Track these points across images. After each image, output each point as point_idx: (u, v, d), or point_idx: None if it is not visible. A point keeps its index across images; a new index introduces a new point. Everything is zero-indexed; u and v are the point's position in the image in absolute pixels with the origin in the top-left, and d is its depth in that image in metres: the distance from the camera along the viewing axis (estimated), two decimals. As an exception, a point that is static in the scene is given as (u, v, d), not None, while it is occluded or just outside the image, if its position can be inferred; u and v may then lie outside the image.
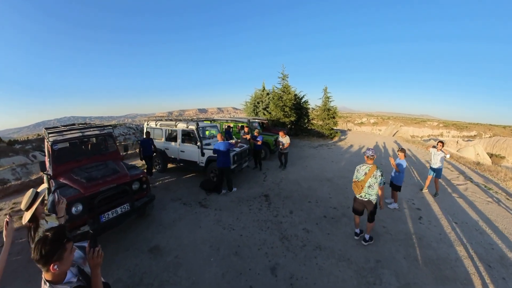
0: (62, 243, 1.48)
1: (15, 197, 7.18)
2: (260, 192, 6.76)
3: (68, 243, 1.53)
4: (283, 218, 5.29)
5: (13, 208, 6.46)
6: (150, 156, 8.12)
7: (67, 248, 1.50)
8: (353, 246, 4.29)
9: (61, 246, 1.47)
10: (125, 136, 48.58)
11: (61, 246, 1.47)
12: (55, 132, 5.06)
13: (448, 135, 39.45)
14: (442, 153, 6.34)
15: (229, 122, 11.76)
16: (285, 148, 8.80)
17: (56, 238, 1.47)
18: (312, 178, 8.05)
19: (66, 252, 1.49)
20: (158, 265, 3.84)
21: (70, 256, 1.53)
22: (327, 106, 19.19)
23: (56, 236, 1.48)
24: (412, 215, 5.49)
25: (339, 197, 6.47)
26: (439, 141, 6.64)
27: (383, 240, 4.48)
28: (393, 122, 42.16)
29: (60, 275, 1.52)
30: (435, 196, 6.57)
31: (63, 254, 1.47)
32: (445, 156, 6.37)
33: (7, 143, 25.29)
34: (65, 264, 1.51)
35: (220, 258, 3.95)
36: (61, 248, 1.46)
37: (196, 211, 5.64)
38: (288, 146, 8.78)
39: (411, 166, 9.98)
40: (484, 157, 16.59)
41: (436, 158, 6.44)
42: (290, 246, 4.26)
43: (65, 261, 1.49)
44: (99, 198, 4.01)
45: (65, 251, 1.48)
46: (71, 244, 1.56)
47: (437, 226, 5.03)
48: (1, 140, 26.21)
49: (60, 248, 1.46)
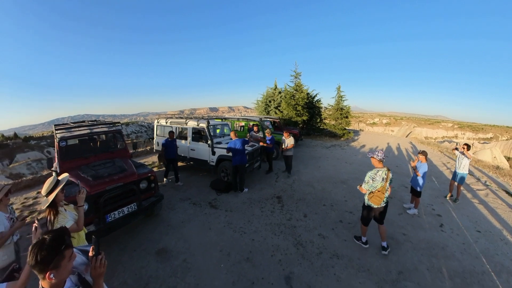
0: (60, 249, 1.31)
1: (26, 192, 7.23)
2: (272, 194, 6.49)
3: (67, 250, 1.35)
4: (297, 222, 5.00)
5: (24, 203, 6.50)
6: (174, 159, 7.24)
7: (65, 255, 1.33)
8: (372, 255, 3.95)
9: (59, 253, 1.30)
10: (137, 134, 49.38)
11: (59, 253, 1.30)
12: (63, 129, 5.01)
13: (463, 137, 37.98)
14: (465, 156, 5.90)
15: (241, 120, 11.55)
16: (288, 149, 7.81)
17: (54, 243, 1.30)
18: (326, 180, 7.72)
19: (64, 260, 1.32)
20: (165, 269, 3.65)
21: (69, 264, 1.36)
22: (340, 105, 18.70)
23: (54, 242, 1.31)
24: (433, 222, 5.11)
25: (354, 200, 6.12)
26: (464, 143, 6.16)
27: (404, 249, 4.13)
28: (406, 122, 40.97)
29: (58, 284, 1.34)
30: (455, 201, 6.14)
31: (61, 262, 1.30)
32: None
33: (23, 139, 26.10)
34: (63, 273, 1.34)
35: (230, 264, 3.70)
36: (58, 255, 1.29)
37: (205, 212, 5.43)
38: (291, 147, 7.81)
39: (434, 169, 9.47)
40: (502, 161, 15.70)
41: (462, 162, 5.98)
42: (306, 253, 3.96)
43: (62, 270, 1.32)
44: (105, 197, 3.84)
45: (63, 259, 1.31)
46: (71, 251, 1.38)
47: (460, 234, 4.65)
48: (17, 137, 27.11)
49: (58, 255, 1.29)
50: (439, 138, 35.57)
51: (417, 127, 39.29)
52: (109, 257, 3.83)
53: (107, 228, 3.89)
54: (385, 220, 4.86)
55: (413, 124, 40.00)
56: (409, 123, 40.94)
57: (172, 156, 7.07)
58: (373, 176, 3.73)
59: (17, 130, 73.56)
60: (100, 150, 5.31)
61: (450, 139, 35.31)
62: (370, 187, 3.75)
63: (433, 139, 33.02)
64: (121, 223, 4.12)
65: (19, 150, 22.06)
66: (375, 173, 3.74)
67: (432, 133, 39.46)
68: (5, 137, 26.26)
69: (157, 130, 9.07)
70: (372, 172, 3.77)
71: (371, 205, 3.85)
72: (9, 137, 26.65)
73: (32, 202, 6.54)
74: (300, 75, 18.26)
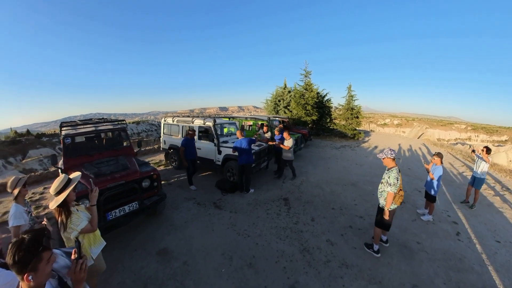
0: (38, 251, 1.28)
1: (34, 187, 7.30)
2: (279, 195, 6.27)
3: (45, 252, 1.31)
4: (304, 226, 4.77)
5: (32, 198, 6.57)
6: (195, 160, 6.71)
7: (43, 257, 1.29)
8: (384, 264, 3.69)
9: (36, 255, 1.27)
10: (147, 132, 50.07)
11: (36, 255, 1.27)
12: (68, 126, 4.99)
13: (477, 139, 36.49)
14: (483, 160, 5.54)
15: (249, 119, 11.37)
16: (287, 151, 7.08)
17: (31, 245, 1.27)
18: (335, 182, 7.44)
19: (42, 262, 1.29)
20: (165, 271, 3.52)
21: (47, 267, 1.32)
22: (351, 105, 18.23)
23: (31, 243, 1.27)
24: (449, 230, 4.78)
25: (365, 204, 5.84)
26: (484, 146, 5.78)
27: (419, 259, 3.84)
28: (418, 123, 39.72)
29: (37, 287, 1.30)
30: (471, 208, 5.77)
31: (38, 264, 1.27)
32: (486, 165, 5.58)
33: (35, 136, 26.86)
34: (42, 276, 1.30)
35: (232, 270, 3.52)
36: (36, 257, 1.27)
37: (209, 213, 5.29)
38: (288, 149, 7.04)
39: (448, 172, 9.01)
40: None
41: (480, 166, 5.61)
42: (312, 261, 3.72)
43: (41, 273, 1.29)
44: (106, 195, 3.75)
45: (40, 261, 1.28)
46: (49, 253, 1.34)
47: (478, 244, 4.32)
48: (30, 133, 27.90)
49: (35, 257, 1.26)
50: (452, 140, 34.33)
51: (429, 128, 38.10)
52: (110, 255, 3.76)
53: (107, 226, 3.81)
54: (398, 226, 4.56)
55: (425, 125, 38.81)
56: (421, 124, 39.73)
57: (193, 156, 6.60)
58: (397, 176, 3.52)
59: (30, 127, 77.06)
60: (105, 147, 5.26)
61: (463, 141, 34.04)
62: (396, 188, 3.52)
63: (446, 141, 31.87)
64: (122, 221, 4.03)
65: (32, 146, 22.68)
66: (397, 172, 3.54)
67: (444, 134, 38.14)
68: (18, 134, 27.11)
69: (164, 129, 8.99)
70: (394, 173, 3.54)
71: (395, 207, 3.67)
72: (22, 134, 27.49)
73: (39, 197, 6.60)
74: (310, 74, 17.91)
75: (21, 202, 2.71)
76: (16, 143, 22.79)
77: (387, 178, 3.59)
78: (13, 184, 2.68)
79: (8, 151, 21.03)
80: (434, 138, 26.92)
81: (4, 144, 22.16)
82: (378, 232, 3.85)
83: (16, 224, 2.52)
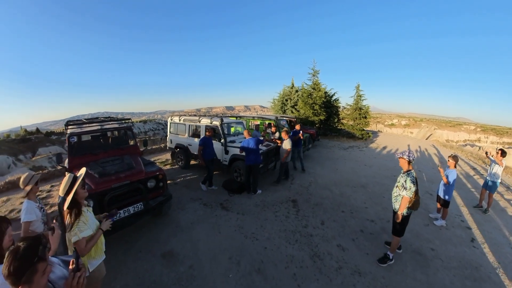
0: (32, 262, 1.19)
1: (41, 185, 7.30)
2: (287, 197, 6.10)
3: (40, 263, 1.21)
4: (314, 230, 4.60)
5: (39, 195, 6.57)
6: (213, 160, 6.44)
7: (38, 269, 1.20)
8: (398, 272, 3.49)
9: (31, 267, 1.18)
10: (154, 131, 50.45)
11: (31, 267, 1.18)
12: (74, 125, 4.97)
13: (486, 140, 35.49)
14: (496, 163, 5.30)
15: (256, 119, 11.23)
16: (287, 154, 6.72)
17: (26, 254, 1.19)
18: (344, 183, 7.23)
19: (36, 274, 1.19)
20: (170, 275, 3.40)
21: (42, 279, 1.23)
22: (359, 105, 17.92)
23: (26, 253, 1.19)
24: (463, 235, 4.55)
25: (376, 207, 5.63)
26: (500, 148, 5.51)
27: (434, 267, 3.63)
28: (426, 124, 38.96)
29: None
30: (485, 212, 5.52)
31: (33, 277, 1.18)
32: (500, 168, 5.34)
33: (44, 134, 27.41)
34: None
35: (240, 276, 3.38)
36: (30, 268, 1.18)
37: (216, 214, 5.16)
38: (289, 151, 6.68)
39: (460, 175, 8.69)
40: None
41: (494, 168, 5.38)
42: (323, 268, 3.55)
43: (35, 285, 1.19)
44: (110, 195, 3.66)
45: (35, 273, 1.19)
46: (45, 265, 1.24)
47: (494, 252, 4.09)
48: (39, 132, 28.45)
49: (30, 269, 1.18)
50: (461, 141, 33.46)
51: (438, 129, 37.32)
52: (114, 256, 3.69)
53: (111, 227, 3.70)
54: (410, 231, 4.34)
55: (434, 126, 38.02)
56: (429, 124, 38.95)
57: (212, 156, 6.33)
58: (414, 180, 3.33)
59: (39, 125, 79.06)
60: (110, 146, 5.20)
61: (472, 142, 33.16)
62: (412, 192, 3.31)
63: (454, 142, 31.11)
64: (126, 222, 3.93)
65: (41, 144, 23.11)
66: (413, 175, 3.35)
67: (453, 135, 37.26)
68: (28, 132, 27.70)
69: (171, 128, 8.92)
70: (411, 176, 3.35)
71: (410, 212, 3.50)
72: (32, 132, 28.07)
73: (45, 195, 6.62)
74: (318, 73, 17.65)
75: (33, 199, 2.71)
76: (26, 141, 23.22)
77: (403, 181, 3.39)
78: (26, 181, 2.67)
79: (18, 149, 21.42)
80: (442, 139, 26.29)
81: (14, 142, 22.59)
82: (396, 242, 3.65)
83: (27, 219, 2.52)
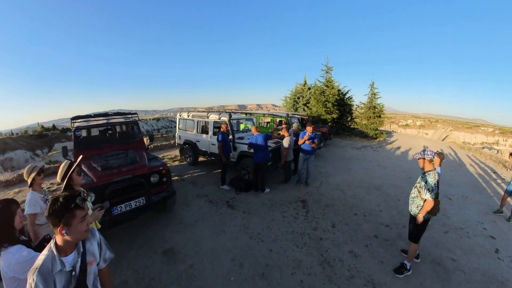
0: (70, 207, 1.35)
1: (53, 178, 7.39)
2: (297, 197, 5.83)
3: (78, 210, 1.38)
4: (324, 233, 4.31)
5: (49, 188, 6.70)
6: (229, 157, 6.30)
7: (76, 214, 1.37)
8: (416, 285, 3.15)
9: (69, 211, 1.35)
10: (167, 128, 51.27)
11: (69, 211, 1.35)
12: (81, 120, 5.02)
13: (505, 143, 33.66)
14: None
15: (266, 116, 11.00)
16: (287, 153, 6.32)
17: (65, 201, 1.35)
18: (357, 185, 6.87)
19: (75, 219, 1.36)
20: (169, 273, 3.26)
21: (80, 225, 1.40)
22: (373, 103, 17.27)
23: (66, 199, 1.36)
24: (486, 245, 4.15)
25: (391, 211, 5.26)
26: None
27: (456, 281, 3.27)
28: (442, 125, 37.50)
29: (69, 243, 1.41)
30: (508, 220, 5.09)
31: (72, 220, 1.35)
32: None
33: (60, 131, 28.48)
34: (75, 233, 1.38)
35: (242, 279, 3.16)
36: (68, 212, 1.34)
37: (221, 212, 4.98)
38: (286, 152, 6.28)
39: (479, 178, 8.14)
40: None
41: None
42: (333, 276, 3.27)
43: (74, 229, 1.37)
44: (111, 188, 3.57)
45: (73, 217, 1.36)
46: (83, 213, 1.41)
47: None
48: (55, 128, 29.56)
49: (68, 212, 1.34)
50: (478, 144, 31.86)
51: (454, 131, 35.84)
52: (116, 251, 3.58)
53: (113, 221, 3.63)
54: (429, 239, 4.19)
55: (450, 127, 36.49)
56: (446, 126, 37.44)
57: (229, 152, 6.23)
58: (436, 181, 3.01)
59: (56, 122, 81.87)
60: (116, 141, 5.16)
61: (490, 145, 31.56)
62: (433, 194, 3.00)
63: (471, 144, 29.67)
64: (128, 217, 3.83)
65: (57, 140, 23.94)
66: (434, 176, 3.02)
67: (470, 137, 35.61)
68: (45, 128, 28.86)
69: (179, 124, 8.84)
70: (432, 177, 3.02)
71: (429, 217, 3.20)
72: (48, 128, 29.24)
73: (56, 188, 6.69)
74: (332, 69, 17.13)
75: (38, 190, 2.72)
76: (43, 137, 24.08)
77: (424, 182, 3.07)
78: (28, 172, 2.68)
79: (36, 144, 22.20)
80: (459, 141, 25.10)
81: (32, 137, 23.47)
82: (414, 250, 3.32)
83: (31, 212, 2.52)
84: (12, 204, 1.82)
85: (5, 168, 21.18)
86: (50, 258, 1.34)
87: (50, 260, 1.33)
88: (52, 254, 1.35)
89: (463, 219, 5.06)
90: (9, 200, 1.84)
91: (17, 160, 23.04)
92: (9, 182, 7.11)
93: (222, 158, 6.02)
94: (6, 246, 1.67)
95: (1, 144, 23.44)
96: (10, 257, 1.63)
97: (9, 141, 23.75)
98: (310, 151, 6.28)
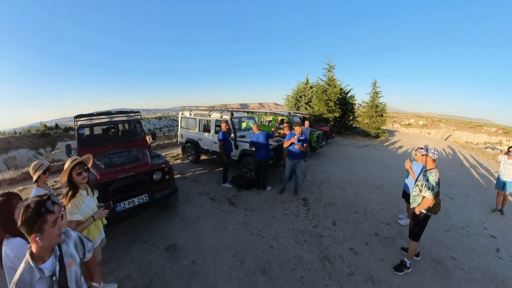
0: (41, 213, 1.33)
1: (57, 176, 7.46)
2: (298, 195, 5.87)
3: (48, 215, 1.35)
4: (324, 230, 4.35)
5: (53, 186, 6.75)
6: (230, 155, 6.30)
7: (47, 219, 1.34)
8: (416, 283, 3.18)
9: (40, 216, 1.32)
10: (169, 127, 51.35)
11: (40, 216, 1.32)
12: (84, 118, 5.05)
13: (508, 143, 33.42)
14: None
15: (268, 115, 11.02)
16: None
17: (35, 206, 1.33)
18: (358, 183, 6.89)
19: (46, 224, 1.33)
20: (172, 268, 3.32)
21: (53, 230, 1.37)
22: (375, 102, 17.23)
23: (36, 204, 1.34)
24: (487, 245, 4.16)
25: (392, 209, 5.29)
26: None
27: (456, 279, 3.30)
28: (444, 125, 37.23)
29: (45, 249, 1.39)
30: (493, 211, 5.34)
31: (44, 225, 1.33)
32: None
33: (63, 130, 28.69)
34: (48, 238, 1.36)
35: (243, 274, 3.21)
36: (40, 218, 1.32)
37: (223, 209, 5.03)
38: None
39: (481, 179, 8.12)
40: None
41: (507, 168, 5.06)
42: (333, 272, 3.31)
43: (47, 234, 1.34)
44: (114, 186, 3.61)
45: (45, 222, 1.33)
46: (53, 217, 1.37)
47: None
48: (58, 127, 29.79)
49: (40, 218, 1.31)
50: (481, 144, 31.63)
51: (457, 130, 35.56)
52: (120, 246, 3.73)
53: (116, 218, 3.69)
54: (430, 237, 4.21)
55: (453, 127, 36.25)
56: (448, 125, 37.18)
57: (230, 151, 6.26)
58: (437, 180, 3.03)
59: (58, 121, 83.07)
60: (118, 139, 5.22)
61: (493, 145, 31.26)
62: (434, 192, 3.02)
63: (474, 144, 29.45)
64: (131, 213, 3.89)
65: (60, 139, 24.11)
66: (435, 175, 3.04)
67: (473, 137, 35.31)
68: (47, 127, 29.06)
69: (181, 122, 8.89)
70: (433, 175, 3.05)
71: (430, 215, 3.22)
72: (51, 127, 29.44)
73: (60, 185, 6.74)
74: (334, 68, 17.09)
75: (43, 186, 2.75)
76: (46, 136, 24.25)
77: (424, 181, 3.09)
78: (34, 168, 2.72)
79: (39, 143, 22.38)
80: (462, 140, 24.91)
81: (35, 136, 23.64)
82: (414, 248, 3.34)
83: None
84: (13, 197, 1.86)
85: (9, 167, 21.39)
86: (27, 269, 1.33)
87: (28, 272, 1.32)
88: (29, 265, 1.34)
89: (464, 218, 5.07)
90: (11, 194, 1.89)
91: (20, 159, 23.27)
92: (13, 180, 7.20)
93: (223, 157, 6.06)
94: (7, 237, 1.74)
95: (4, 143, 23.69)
96: (10, 248, 1.70)
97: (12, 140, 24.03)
98: (299, 154, 5.47)
